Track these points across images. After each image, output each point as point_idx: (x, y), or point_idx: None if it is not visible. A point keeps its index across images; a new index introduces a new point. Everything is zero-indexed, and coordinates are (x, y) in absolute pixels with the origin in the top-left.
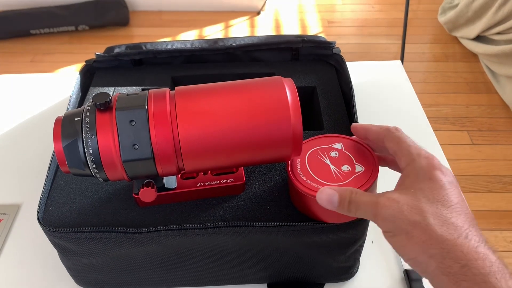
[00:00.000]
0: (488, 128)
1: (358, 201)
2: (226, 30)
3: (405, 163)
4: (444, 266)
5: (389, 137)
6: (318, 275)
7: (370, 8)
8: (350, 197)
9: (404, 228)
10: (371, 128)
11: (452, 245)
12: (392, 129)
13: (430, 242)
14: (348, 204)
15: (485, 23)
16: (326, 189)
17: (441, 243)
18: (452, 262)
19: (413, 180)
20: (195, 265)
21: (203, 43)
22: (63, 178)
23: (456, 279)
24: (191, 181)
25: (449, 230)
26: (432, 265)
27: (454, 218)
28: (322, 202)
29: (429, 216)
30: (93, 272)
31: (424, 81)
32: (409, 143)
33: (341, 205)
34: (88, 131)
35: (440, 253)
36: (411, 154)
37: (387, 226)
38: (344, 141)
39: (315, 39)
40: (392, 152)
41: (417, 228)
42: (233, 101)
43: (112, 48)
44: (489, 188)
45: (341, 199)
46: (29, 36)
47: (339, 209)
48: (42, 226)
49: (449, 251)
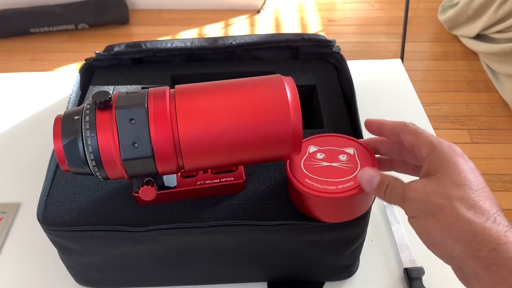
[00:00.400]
0: (488, 126)
1: (394, 185)
2: (226, 28)
3: (427, 152)
4: (471, 249)
5: (405, 130)
6: (318, 273)
7: (370, 6)
8: (389, 181)
9: (431, 211)
10: (385, 122)
11: (480, 228)
12: (409, 123)
13: (457, 225)
14: (386, 187)
15: (485, 21)
16: (369, 170)
17: (468, 225)
18: (480, 245)
19: (438, 165)
20: (195, 263)
21: (203, 41)
22: (63, 177)
23: (485, 263)
24: (191, 180)
25: (476, 214)
26: (458, 248)
27: (481, 202)
28: (362, 181)
29: (456, 200)
30: (93, 271)
31: (424, 79)
32: (428, 134)
33: (379, 188)
34: (88, 130)
35: (468, 236)
36: (433, 142)
37: (413, 210)
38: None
39: (315, 37)
40: (409, 143)
41: (444, 211)
42: (233, 99)
43: (111, 46)
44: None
45: (381, 182)
46: (29, 34)
47: (377, 190)
48: (42, 224)
49: (477, 234)
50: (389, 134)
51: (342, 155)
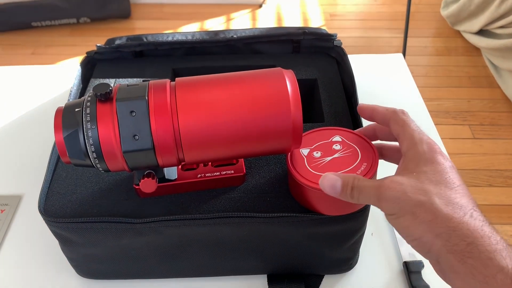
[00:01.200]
0: (490, 122)
1: (361, 186)
2: (227, 23)
3: (407, 148)
4: (450, 244)
5: (394, 119)
6: (317, 266)
7: (373, 1)
8: (353, 182)
9: (409, 208)
10: (377, 108)
11: (458, 223)
12: (399, 111)
13: (436, 221)
14: (350, 189)
15: (488, 16)
16: (329, 175)
17: (447, 221)
18: (458, 240)
19: (415, 163)
20: (195, 255)
21: (204, 35)
22: (64, 169)
23: (461, 256)
24: (192, 173)
25: (454, 209)
26: (437, 244)
27: (458, 199)
28: (325, 188)
29: (434, 196)
30: (94, 262)
31: (426, 75)
32: (413, 128)
33: (344, 191)
34: (89, 122)
35: (446, 231)
36: (414, 138)
37: (391, 208)
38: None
39: (317, 31)
40: (395, 134)
41: (422, 208)
42: (233, 92)
43: (113, 39)
44: (490, 182)
45: (344, 184)
46: (31, 28)
47: (342, 195)
48: (43, 216)
49: (455, 229)
50: (380, 121)
51: (335, 145)
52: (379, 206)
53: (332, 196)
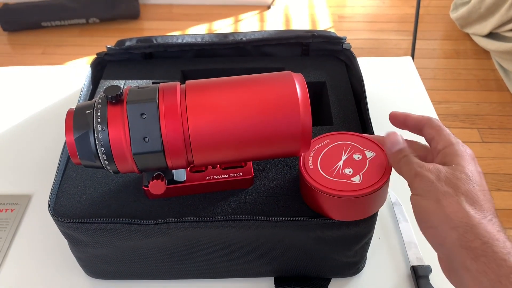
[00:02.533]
0: (499, 126)
1: (411, 160)
2: (236, 24)
3: (444, 146)
4: (465, 239)
5: (430, 124)
6: (325, 270)
7: (381, 3)
8: (408, 153)
9: (436, 194)
10: (411, 115)
11: (477, 222)
12: (435, 119)
13: (456, 215)
14: (402, 156)
15: (498, 19)
16: (397, 135)
17: (467, 218)
18: (474, 237)
19: (451, 158)
20: (203, 257)
21: (213, 37)
22: (74, 170)
23: (475, 254)
24: (200, 175)
25: (476, 210)
26: (452, 236)
27: (483, 202)
28: (386, 142)
29: (462, 192)
30: (103, 263)
31: (435, 77)
32: (449, 132)
33: (397, 154)
34: (100, 124)
35: (464, 226)
36: (451, 140)
37: (421, 188)
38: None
39: (326, 34)
40: (429, 137)
41: (448, 199)
42: (242, 95)
43: (123, 41)
44: (498, 187)
45: (401, 149)
46: (41, 28)
47: (394, 155)
48: (52, 216)
49: (473, 227)
50: (413, 127)
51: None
52: (412, 182)
53: (386, 150)
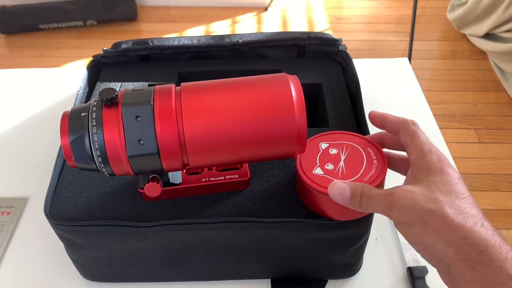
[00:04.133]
0: (496, 126)
1: (370, 194)
2: (233, 26)
3: (416, 158)
4: (462, 252)
5: (404, 129)
6: (321, 271)
7: (378, 4)
8: (362, 191)
9: (420, 217)
10: (389, 117)
11: (470, 231)
12: (409, 122)
13: (448, 230)
14: (359, 198)
15: (495, 20)
16: (338, 183)
17: (459, 230)
18: (470, 249)
19: (425, 173)
20: (199, 259)
21: (210, 39)
22: (69, 172)
23: (472, 264)
24: (196, 177)
25: (465, 219)
26: (449, 252)
27: (468, 209)
28: (334, 196)
29: (445, 205)
30: (99, 265)
31: (432, 78)
32: (422, 139)
33: (353, 199)
34: (95, 126)
35: (458, 240)
36: (423, 149)
37: (401, 217)
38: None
39: (322, 36)
40: (404, 144)
41: (434, 217)
42: (238, 97)
43: (119, 43)
44: (496, 187)
45: (353, 193)
46: (38, 30)
47: (351, 203)
48: (48, 219)
49: (467, 237)
50: (390, 130)
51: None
52: (389, 214)
53: (341, 204)
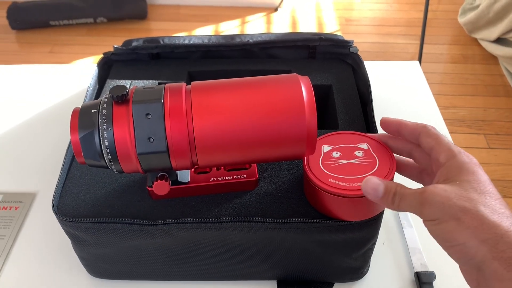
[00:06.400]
0: (506, 132)
1: (403, 192)
2: (243, 26)
3: (446, 158)
4: (497, 250)
5: (426, 133)
6: (328, 274)
7: (388, 7)
8: (396, 189)
9: (454, 214)
10: (406, 123)
11: (506, 230)
12: (430, 126)
13: (483, 228)
14: (393, 195)
15: (507, 25)
16: (373, 179)
17: (494, 228)
18: (506, 247)
19: (457, 173)
20: (205, 259)
21: (220, 39)
22: (78, 169)
23: (508, 263)
24: (204, 176)
25: (501, 218)
26: (482, 250)
27: (503, 209)
28: (367, 191)
29: (479, 204)
30: (105, 263)
31: (442, 82)
32: (448, 141)
33: (386, 196)
34: (105, 123)
35: (493, 238)
36: (453, 150)
37: (433, 213)
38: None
39: (333, 37)
40: (428, 147)
41: (468, 214)
42: (248, 97)
43: (130, 41)
44: (505, 193)
45: (387, 190)
46: (49, 27)
47: (383, 200)
48: (56, 215)
49: (503, 236)
50: (408, 135)
51: (358, 151)
52: (420, 211)
53: (371, 199)
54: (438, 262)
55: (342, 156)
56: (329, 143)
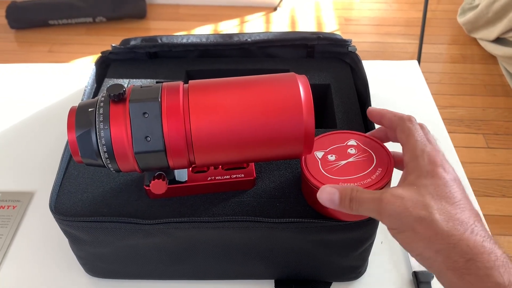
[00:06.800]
0: (505, 131)
1: (360, 198)
2: (242, 25)
3: (409, 159)
4: (450, 261)
5: (401, 127)
6: (326, 273)
7: (388, 6)
8: (351, 195)
9: (410, 224)
10: (386, 114)
11: (458, 239)
12: (406, 119)
13: (436, 238)
14: (349, 201)
15: (506, 24)
16: (327, 188)
17: (447, 238)
18: (457, 257)
19: (416, 176)
20: (203, 258)
21: (218, 38)
22: (75, 168)
23: (460, 273)
24: (202, 175)
25: (455, 226)
26: (438, 260)
27: (459, 214)
28: (323, 201)
29: (435, 212)
30: (102, 262)
31: (440, 82)
32: (416, 138)
33: (342, 203)
34: (102, 122)
35: (446, 248)
36: (416, 150)
37: (392, 222)
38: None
39: (331, 36)
40: (401, 143)
41: (423, 224)
42: (246, 96)
43: (128, 40)
44: (503, 193)
45: (342, 197)
46: (48, 26)
47: (340, 207)
48: (53, 214)
49: (455, 246)
50: (388, 126)
51: (350, 149)
52: (380, 219)
53: (331, 207)
54: None
55: (338, 158)
56: (319, 148)
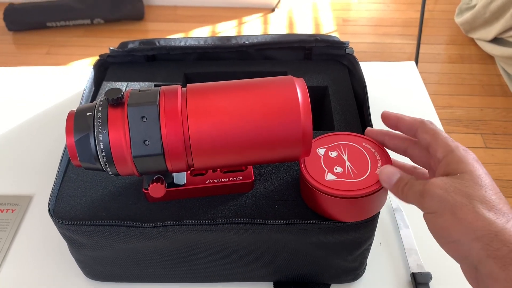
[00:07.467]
0: (503, 131)
1: (412, 183)
2: (239, 26)
3: (443, 154)
4: (491, 248)
5: (423, 129)
6: (324, 275)
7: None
8: (408, 179)
9: (450, 208)
10: (404, 118)
11: (501, 228)
12: (427, 121)
13: (477, 224)
14: (404, 184)
15: (503, 24)
16: (389, 167)
17: (488, 225)
18: (500, 245)
19: (455, 166)
20: (202, 261)
21: (216, 40)
22: (74, 172)
23: (503, 262)
24: (200, 178)
25: (497, 215)
26: (476, 247)
27: (501, 205)
28: (382, 178)
29: (477, 200)
30: (102, 265)
31: (438, 82)
32: (445, 135)
33: (397, 184)
34: (100, 126)
35: (488, 235)
36: (450, 145)
37: (432, 205)
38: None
39: (329, 38)
40: (425, 143)
41: (464, 210)
42: (243, 99)
43: (126, 43)
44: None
45: (400, 179)
46: (46, 28)
47: (394, 187)
48: (52, 218)
49: (497, 233)
50: (406, 130)
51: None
52: (421, 203)
53: (384, 186)
54: (434, 263)
55: (337, 159)
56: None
